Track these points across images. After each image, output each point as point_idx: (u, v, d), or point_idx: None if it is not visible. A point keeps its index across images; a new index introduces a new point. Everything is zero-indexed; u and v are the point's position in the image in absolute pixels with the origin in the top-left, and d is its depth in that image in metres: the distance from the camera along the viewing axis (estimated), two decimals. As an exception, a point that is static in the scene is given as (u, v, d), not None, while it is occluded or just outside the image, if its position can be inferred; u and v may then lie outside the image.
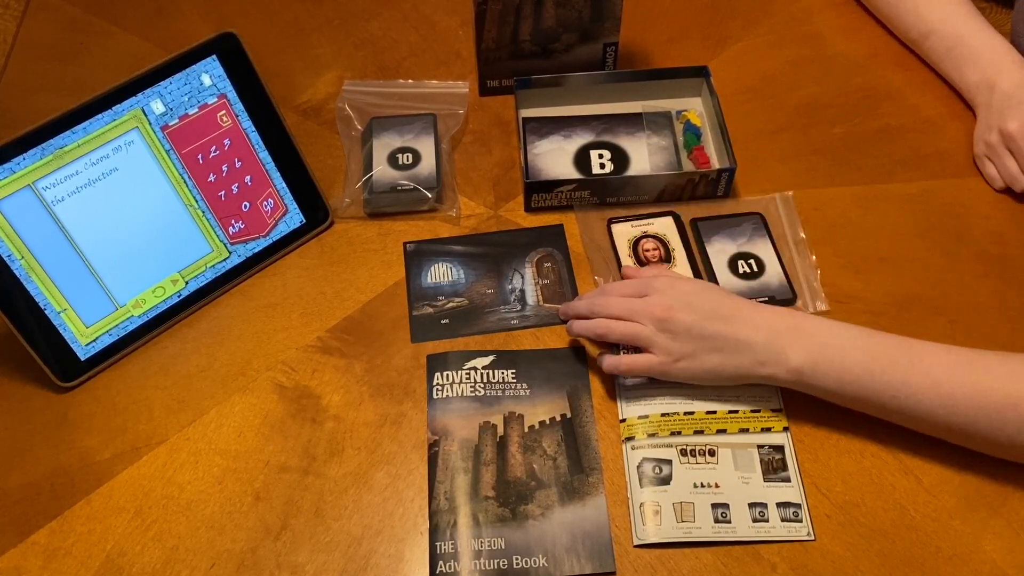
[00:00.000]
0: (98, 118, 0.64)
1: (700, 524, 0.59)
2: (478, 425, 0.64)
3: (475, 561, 0.58)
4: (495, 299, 0.72)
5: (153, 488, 0.63)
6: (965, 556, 0.58)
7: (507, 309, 0.71)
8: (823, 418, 0.65)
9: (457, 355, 0.68)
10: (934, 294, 0.71)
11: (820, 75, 0.87)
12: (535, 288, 0.72)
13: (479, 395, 0.66)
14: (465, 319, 0.71)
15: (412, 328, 0.70)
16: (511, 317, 0.70)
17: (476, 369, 0.67)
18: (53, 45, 0.91)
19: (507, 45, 0.82)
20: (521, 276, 0.72)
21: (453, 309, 0.71)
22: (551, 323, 0.70)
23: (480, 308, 0.71)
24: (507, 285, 0.72)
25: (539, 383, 0.67)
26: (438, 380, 0.67)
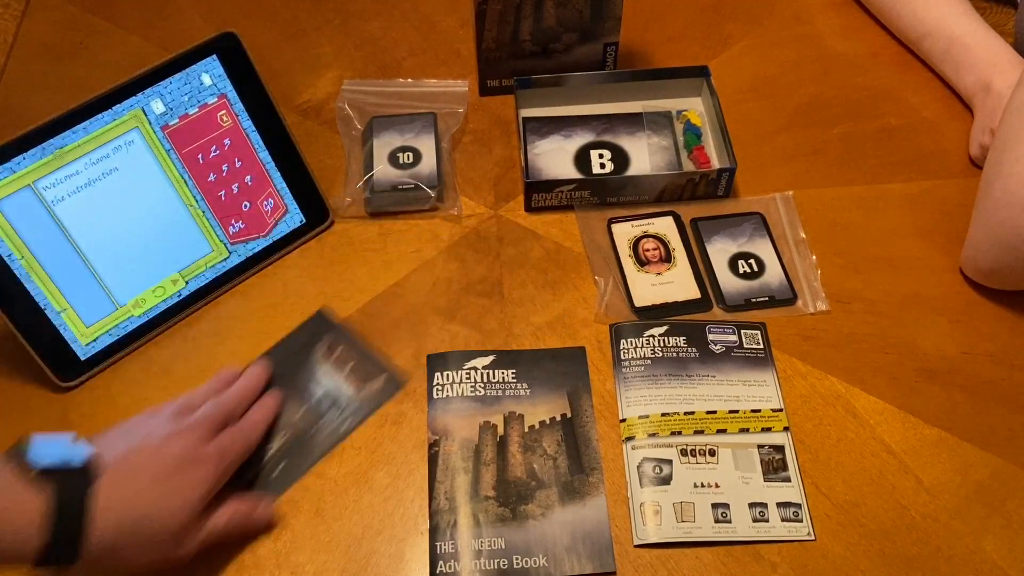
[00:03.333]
0: (98, 118, 0.64)
1: (700, 524, 0.59)
2: (478, 425, 0.64)
3: (475, 561, 0.58)
4: (314, 417, 0.65)
5: (153, 488, 0.63)
6: (965, 556, 0.58)
7: (328, 420, 0.65)
8: (823, 418, 0.65)
9: (457, 355, 0.68)
10: (934, 294, 0.71)
11: (820, 75, 0.87)
12: (343, 381, 0.66)
13: (479, 395, 0.66)
14: (299, 451, 0.63)
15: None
16: (337, 423, 0.65)
17: (476, 369, 0.67)
18: (53, 45, 0.91)
19: (507, 45, 0.82)
20: (317, 379, 0.66)
21: (281, 450, 0.63)
22: (383, 401, 0.66)
23: (305, 432, 0.64)
24: (312, 399, 0.66)
25: (539, 383, 0.67)
26: (438, 380, 0.67)
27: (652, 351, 0.67)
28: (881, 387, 0.66)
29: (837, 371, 0.67)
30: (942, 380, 0.66)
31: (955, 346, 0.68)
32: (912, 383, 0.66)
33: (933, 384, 0.66)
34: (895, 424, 0.64)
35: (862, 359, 0.68)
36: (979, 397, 0.65)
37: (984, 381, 0.66)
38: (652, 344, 0.68)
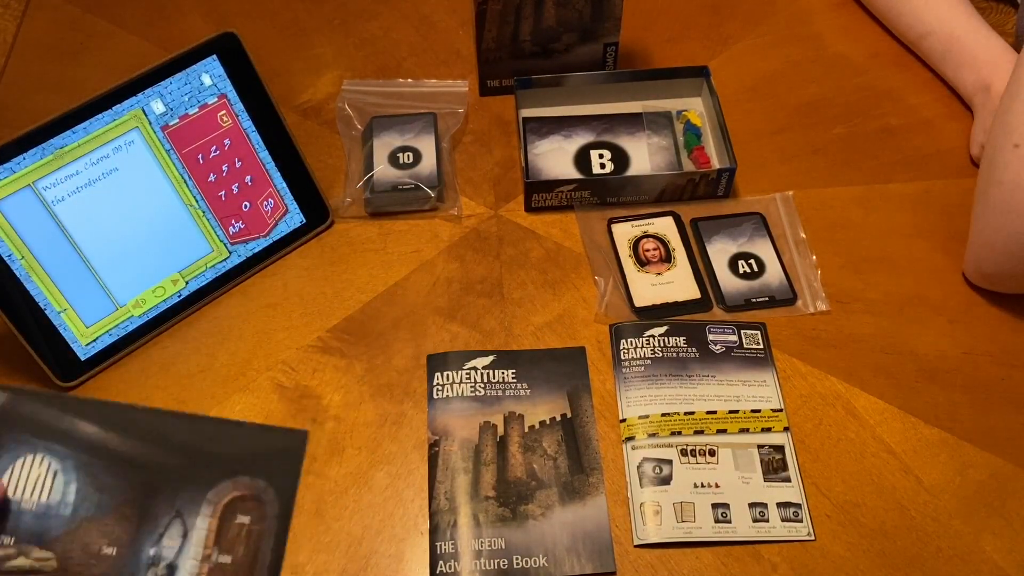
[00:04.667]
0: (98, 118, 0.64)
1: (700, 524, 0.59)
2: (478, 425, 0.64)
3: (475, 561, 0.58)
4: (112, 574, 0.39)
5: (153, 488, 0.63)
6: (965, 556, 0.58)
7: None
8: (823, 418, 0.65)
9: (457, 355, 0.68)
10: (934, 294, 0.71)
11: (820, 75, 0.87)
12: (196, 570, 0.41)
13: (479, 395, 0.66)
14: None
15: None
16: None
17: (476, 369, 0.67)
18: (53, 45, 0.91)
19: (507, 45, 0.82)
20: (183, 530, 0.41)
21: (22, 574, 0.39)
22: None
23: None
24: (148, 545, 0.41)
25: (539, 383, 0.67)
26: (438, 380, 0.67)
27: (652, 351, 0.67)
28: (881, 387, 0.66)
29: (837, 371, 0.67)
30: (942, 380, 0.66)
31: (955, 346, 0.68)
32: (912, 383, 0.66)
33: (933, 384, 0.66)
34: (895, 424, 0.64)
35: (862, 359, 0.68)
36: (979, 397, 0.65)
37: (984, 381, 0.66)
38: (652, 344, 0.68)
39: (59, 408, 0.42)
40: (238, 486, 0.42)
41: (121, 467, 0.42)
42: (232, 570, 0.41)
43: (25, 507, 0.40)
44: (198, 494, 0.42)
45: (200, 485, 0.42)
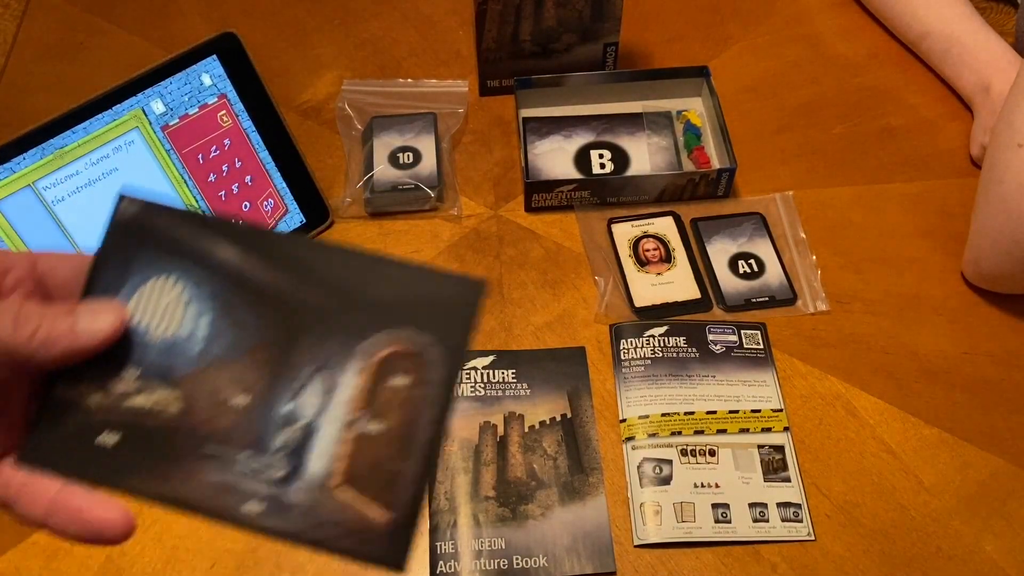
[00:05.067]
0: (98, 118, 0.64)
1: (700, 524, 0.59)
2: (478, 425, 0.64)
3: (475, 561, 0.58)
4: (239, 428, 0.33)
5: (153, 488, 0.63)
6: (965, 556, 0.58)
7: (250, 469, 0.32)
8: (823, 418, 0.65)
9: (457, 355, 0.68)
10: (934, 294, 0.71)
11: (820, 75, 0.87)
12: (339, 435, 0.33)
13: (479, 395, 0.66)
14: (151, 453, 0.33)
15: (34, 431, 0.33)
16: (248, 495, 0.32)
17: (476, 369, 0.67)
18: (53, 45, 0.91)
19: (507, 45, 0.82)
20: (327, 387, 0.33)
21: (139, 415, 0.33)
22: (332, 537, 0.32)
23: (195, 436, 0.33)
24: (284, 400, 0.33)
25: (539, 383, 0.67)
26: (438, 380, 0.66)
27: (652, 351, 0.67)
28: (881, 387, 0.66)
29: (837, 371, 0.67)
30: (942, 380, 0.66)
31: (955, 346, 0.68)
32: (912, 383, 0.66)
33: (933, 384, 0.66)
34: (895, 424, 0.64)
35: (862, 359, 0.68)
36: (979, 397, 0.65)
37: (984, 381, 0.66)
38: (652, 344, 0.68)
39: (198, 225, 0.34)
40: (397, 340, 0.34)
41: (262, 302, 0.34)
42: (382, 441, 0.33)
43: (151, 338, 0.34)
44: (348, 345, 0.33)
45: (351, 334, 0.33)
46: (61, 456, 0.33)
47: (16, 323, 0.30)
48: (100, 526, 0.32)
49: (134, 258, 0.34)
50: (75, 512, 0.32)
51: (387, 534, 0.33)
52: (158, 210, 0.35)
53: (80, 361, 0.32)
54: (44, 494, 0.32)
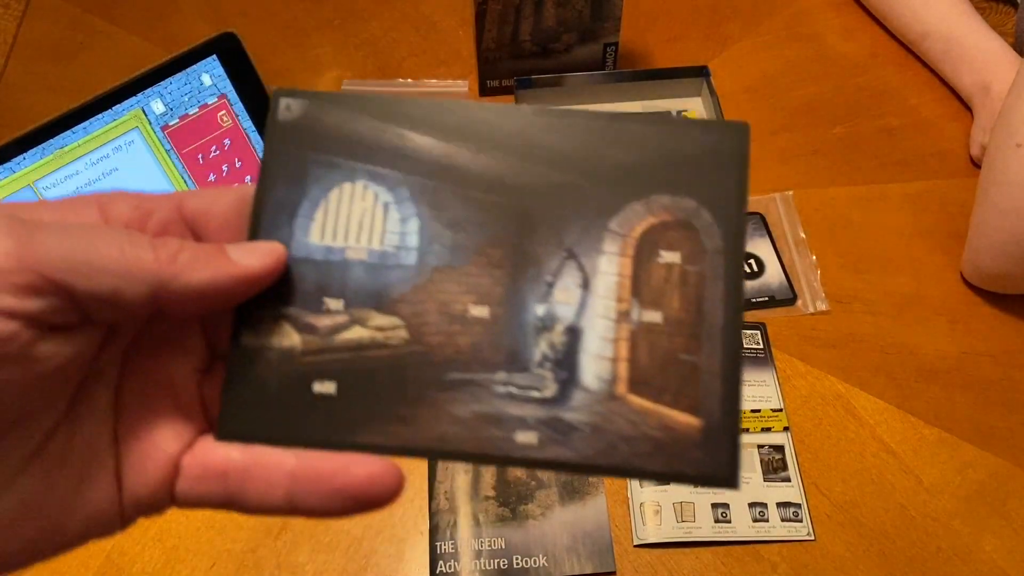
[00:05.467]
0: (98, 118, 0.64)
1: (700, 524, 0.59)
2: (478, 425, 0.64)
3: (475, 561, 0.58)
4: (485, 345, 0.27)
5: (153, 488, 0.63)
6: (965, 556, 0.58)
7: (510, 391, 0.27)
8: (823, 418, 0.65)
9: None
10: (934, 294, 0.71)
11: (820, 75, 0.87)
12: (610, 332, 0.27)
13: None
14: (381, 395, 0.27)
15: (227, 395, 0.27)
16: (515, 423, 0.26)
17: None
18: (53, 45, 0.91)
19: (507, 45, 0.82)
20: (582, 278, 0.28)
21: (357, 351, 0.27)
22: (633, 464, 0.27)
23: (431, 364, 0.27)
24: (532, 302, 0.28)
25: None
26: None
27: (652, 351, 0.67)
28: (881, 387, 0.66)
29: (837, 371, 0.67)
30: (942, 380, 0.66)
31: (955, 346, 0.68)
32: (912, 383, 0.66)
33: (933, 384, 0.66)
34: (895, 424, 0.64)
35: (862, 359, 0.68)
36: (979, 397, 0.65)
37: (984, 381, 0.66)
38: (652, 344, 0.68)
39: (379, 112, 0.28)
40: (654, 209, 0.28)
41: (479, 192, 0.28)
42: (665, 333, 0.27)
43: (351, 257, 0.28)
44: (597, 224, 0.28)
45: (598, 211, 0.28)
46: (270, 419, 0.27)
47: (154, 246, 0.24)
48: (367, 488, 0.25)
49: (307, 168, 0.28)
50: (328, 480, 0.25)
51: (702, 443, 0.26)
52: (325, 102, 0.29)
53: (248, 297, 0.26)
54: (278, 470, 0.26)
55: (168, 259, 0.24)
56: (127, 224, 0.25)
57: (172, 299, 0.24)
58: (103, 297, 0.23)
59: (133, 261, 0.24)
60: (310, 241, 0.28)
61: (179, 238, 0.25)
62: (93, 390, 0.26)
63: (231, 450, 0.26)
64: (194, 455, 0.26)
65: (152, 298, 0.24)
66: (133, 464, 0.26)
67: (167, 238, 0.25)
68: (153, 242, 0.24)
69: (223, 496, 0.26)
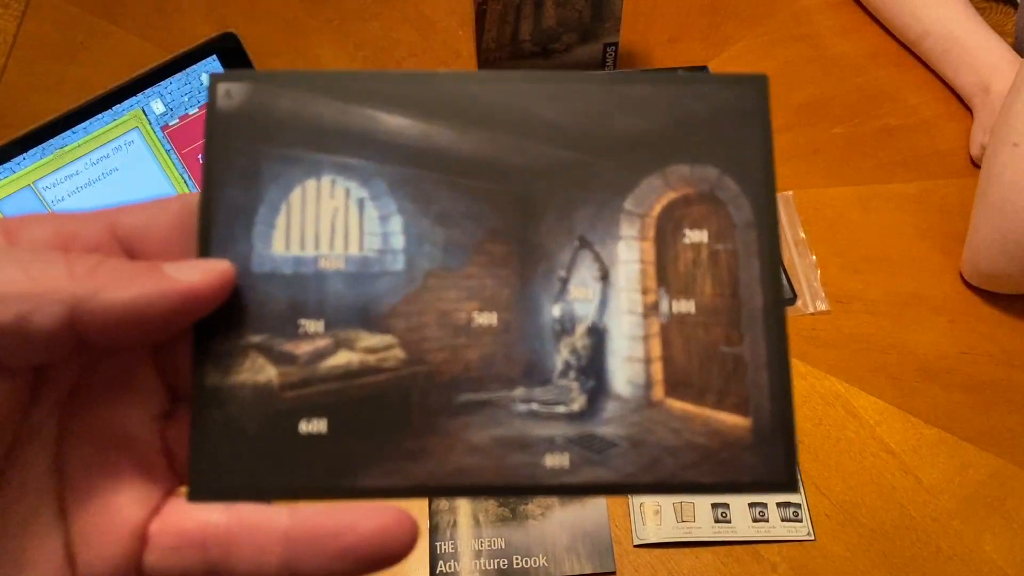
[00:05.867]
0: (98, 118, 0.64)
1: (700, 524, 0.59)
2: (478, 425, 0.64)
3: (475, 561, 0.58)
4: (497, 358, 0.23)
5: (153, 488, 0.63)
6: (965, 556, 0.58)
7: (532, 408, 0.23)
8: (823, 418, 0.65)
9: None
10: (934, 294, 0.71)
11: (820, 75, 0.87)
12: (638, 329, 0.24)
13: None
14: (380, 428, 0.23)
15: (196, 447, 0.23)
16: (543, 445, 0.23)
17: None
18: (53, 45, 0.91)
19: (507, 45, 0.82)
20: (599, 270, 0.24)
21: (347, 379, 0.23)
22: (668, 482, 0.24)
23: (436, 386, 0.23)
24: (545, 303, 0.24)
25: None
26: (438, 380, 0.66)
27: (652, 351, 0.67)
28: (881, 387, 0.66)
29: (837, 371, 0.67)
30: (942, 380, 0.66)
31: (955, 346, 0.68)
32: (912, 383, 0.66)
33: (933, 384, 0.66)
34: (895, 424, 0.64)
35: (862, 359, 0.68)
36: (979, 397, 0.65)
37: (984, 381, 0.66)
38: (652, 344, 0.68)
39: (340, 96, 0.24)
40: (673, 182, 0.24)
41: (467, 178, 0.24)
42: (704, 323, 0.23)
43: (327, 268, 0.23)
44: (609, 205, 0.24)
45: (609, 190, 0.24)
46: (251, 470, 0.22)
47: (67, 261, 0.20)
48: (378, 544, 0.23)
49: (261, 166, 0.24)
50: (331, 540, 0.22)
51: (754, 445, 0.23)
52: (273, 84, 0.24)
53: (192, 321, 0.22)
54: (270, 532, 0.22)
55: (86, 273, 0.20)
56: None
57: (94, 323, 0.20)
58: (8, 329, 0.19)
59: (41, 279, 0.19)
60: (274, 253, 0.23)
61: (101, 254, 0.21)
62: (26, 454, 0.21)
63: (209, 512, 0.22)
64: (163, 521, 0.22)
65: (70, 323, 0.20)
66: (87, 538, 0.22)
67: (84, 253, 0.21)
68: (66, 256, 0.20)
69: (204, 567, 0.22)
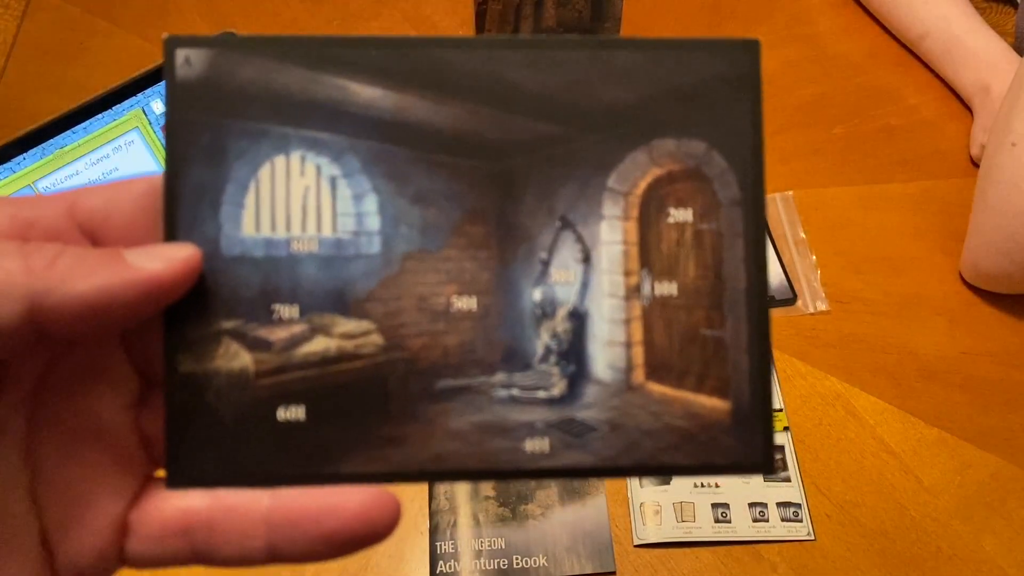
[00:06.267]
0: (98, 118, 0.64)
1: (700, 524, 0.59)
2: (478, 425, 0.64)
3: (475, 561, 0.58)
4: (477, 343, 0.23)
5: (153, 488, 0.63)
6: (965, 556, 0.58)
7: (512, 394, 0.23)
8: (823, 418, 0.65)
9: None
10: (934, 294, 0.71)
11: (820, 75, 0.87)
12: (620, 312, 0.23)
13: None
14: (360, 415, 0.23)
15: (172, 436, 0.22)
16: (523, 430, 0.23)
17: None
18: (53, 45, 0.91)
19: (507, 45, 0.82)
20: (581, 251, 0.23)
21: (324, 366, 0.23)
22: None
23: (415, 373, 0.23)
24: (525, 285, 0.23)
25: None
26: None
27: (652, 351, 0.67)
28: (881, 387, 0.66)
29: (837, 371, 0.67)
30: (942, 380, 0.66)
31: (955, 346, 0.68)
32: (912, 383, 0.66)
33: (933, 384, 0.66)
34: (895, 424, 0.64)
35: (862, 359, 0.68)
36: (979, 397, 0.65)
37: (984, 381, 0.66)
38: (652, 344, 0.68)
39: (308, 64, 0.22)
40: (658, 157, 0.23)
41: (444, 154, 0.23)
42: (686, 305, 0.23)
43: (299, 250, 0.23)
44: (591, 183, 0.23)
45: (592, 166, 0.23)
46: (229, 458, 0.22)
47: (23, 253, 0.20)
48: (361, 524, 0.23)
49: (226, 141, 0.22)
50: (314, 523, 0.22)
51: (733, 428, 0.23)
52: (236, 51, 0.22)
53: (157, 310, 0.21)
54: (252, 515, 0.22)
55: (43, 266, 0.19)
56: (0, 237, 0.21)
57: (55, 316, 0.19)
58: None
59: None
60: (243, 235, 0.23)
61: (60, 243, 0.20)
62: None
63: (190, 498, 0.22)
64: (144, 510, 0.22)
65: (30, 318, 0.19)
66: (65, 530, 0.22)
67: (41, 243, 0.20)
68: (22, 248, 0.20)
69: (188, 552, 0.22)
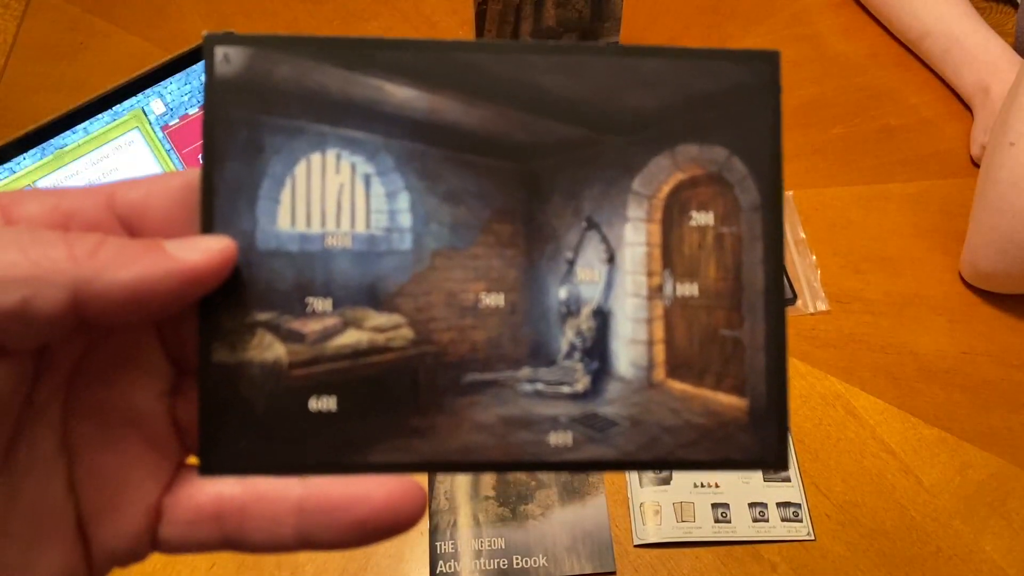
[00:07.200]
0: (98, 118, 0.64)
1: (700, 524, 0.59)
2: (478, 425, 0.64)
3: (475, 561, 0.58)
4: (504, 338, 0.24)
5: (153, 488, 0.63)
6: (965, 556, 0.58)
7: (538, 388, 0.24)
8: (823, 418, 0.65)
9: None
10: (934, 294, 0.71)
11: (820, 75, 0.87)
12: (643, 312, 0.24)
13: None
14: (389, 406, 0.23)
15: (206, 424, 0.23)
16: (547, 424, 0.24)
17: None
18: (53, 45, 0.91)
19: (507, 45, 0.82)
20: (605, 252, 0.24)
21: (356, 358, 0.23)
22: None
23: (443, 366, 0.24)
24: (551, 284, 0.24)
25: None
26: (438, 380, 0.66)
27: (652, 351, 0.67)
28: (881, 387, 0.66)
29: (837, 371, 0.67)
30: (942, 380, 0.66)
31: (955, 346, 0.68)
32: (912, 383, 0.66)
33: (933, 384, 0.66)
34: (895, 424, 0.64)
35: (862, 359, 0.68)
36: (979, 397, 0.65)
37: (984, 381, 0.66)
38: (652, 344, 0.68)
39: (345, 64, 0.23)
40: (681, 162, 0.24)
41: (475, 155, 0.24)
42: (707, 306, 0.24)
43: (333, 245, 0.23)
44: (616, 185, 0.24)
45: (617, 169, 0.24)
46: (262, 447, 0.23)
47: (67, 242, 0.20)
48: (390, 513, 0.23)
49: (264, 137, 0.23)
50: (344, 510, 0.23)
51: (749, 425, 0.24)
52: (275, 49, 0.23)
53: (194, 299, 0.22)
54: (283, 502, 0.23)
55: (87, 255, 0.20)
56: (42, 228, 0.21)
57: (97, 304, 0.20)
58: (11, 313, 0.19)
59: (42, 262, 0.19)
60: (279, 229, 0.23)
61: (101, 233, 0.21)
62: (32, 435, 0.21)
63: (223, 485, 0.23)
64: (177, 496, 0.23)
65: (73, 306, 0.20)
66: (100, 515, 0.22)
67: (84, 232, 0.21)
68: (66, 237, 0.20)
69: (220, 538, 0.23)
